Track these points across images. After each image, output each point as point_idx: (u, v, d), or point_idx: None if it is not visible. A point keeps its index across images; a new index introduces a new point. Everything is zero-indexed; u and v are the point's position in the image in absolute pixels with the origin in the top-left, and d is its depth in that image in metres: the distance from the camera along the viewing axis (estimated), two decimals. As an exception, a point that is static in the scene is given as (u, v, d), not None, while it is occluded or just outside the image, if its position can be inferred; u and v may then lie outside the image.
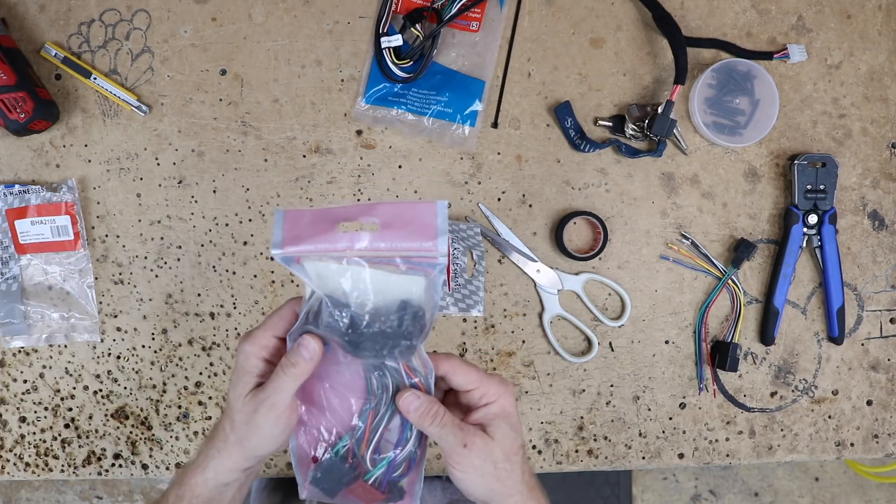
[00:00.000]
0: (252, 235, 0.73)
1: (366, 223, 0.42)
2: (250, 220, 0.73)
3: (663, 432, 0.76)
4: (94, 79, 0.71)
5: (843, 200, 0.76)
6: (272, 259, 0.73)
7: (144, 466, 0.75)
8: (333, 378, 0.47)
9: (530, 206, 0.74)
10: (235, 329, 0.74)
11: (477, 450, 0.46)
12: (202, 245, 0.73)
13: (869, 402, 0.78)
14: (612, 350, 0.76)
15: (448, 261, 0.71)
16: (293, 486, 0.81)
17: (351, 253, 0.42)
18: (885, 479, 1.10)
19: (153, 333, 0.74)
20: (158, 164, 0.73)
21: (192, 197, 0.73)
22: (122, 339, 0.74)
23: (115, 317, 0.74)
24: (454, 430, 0.46)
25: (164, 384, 0.74)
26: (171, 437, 0.75)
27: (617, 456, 0.76)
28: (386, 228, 0.42)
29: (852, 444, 0.78)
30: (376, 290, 0.43)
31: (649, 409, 0.76)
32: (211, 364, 0.74)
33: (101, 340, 0.74)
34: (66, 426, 0.75)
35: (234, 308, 0.74)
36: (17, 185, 0.72)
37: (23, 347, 0.74)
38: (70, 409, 0.74)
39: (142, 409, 0.74)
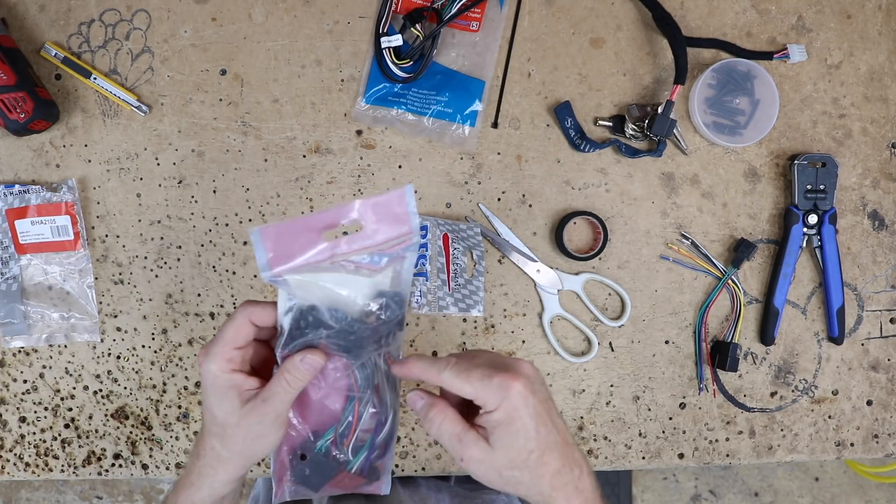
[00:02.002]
0: (252, 235, 0.73)
1: (348, 225, 0.43)
2: (250, 220, 0.73)
3: (663, 432, 0.76)
4: (94, 79, 0.71)
5: (843, 200, 0.76)
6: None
7: (144, 466, 0.75)
8: (318, 378, 0.48)
9: (530, 206, 0.74)
10: (235, 329, 0.74)
11: (474, 463, 0.45)
12: (202, 245, 0.73)
13: (869, 402, 0.78)
14: (612, 350, 0.76)
15: (448, 260, 0.72)
16: None
17: (339, 257, 0.43)
18: (885, 479, 1.10)
19: (153, 333, 0.74)
20: (158, 164, 0.73)
21: (192, 197, 0.73)
22: (122, 339, 0.74)
23: (115, 317, 0.74)
24: (453, 440, 0.45)
25: (164, 384, 0.74)
26: (171, 437, 0.75)
27: (617, 456, 0.76)
28: (371, 223, 0.43)
29: (852, 444, 0.78)
30: (349, 292, 0.44)
31: (649, 409, 0.76)
32: (211, 364, 0.74)
33: (101, 340, 0.74)
34: (66, 426, 0.75)
35: (234, 308, 0.74)
36: (17, 185, 0.72)
37: (23, 347, 0.74)
38: (70, 409, 0.74)
39: (142, 409, 0.75)
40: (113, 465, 0.75)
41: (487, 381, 0.44)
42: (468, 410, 0.48)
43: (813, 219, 0.74)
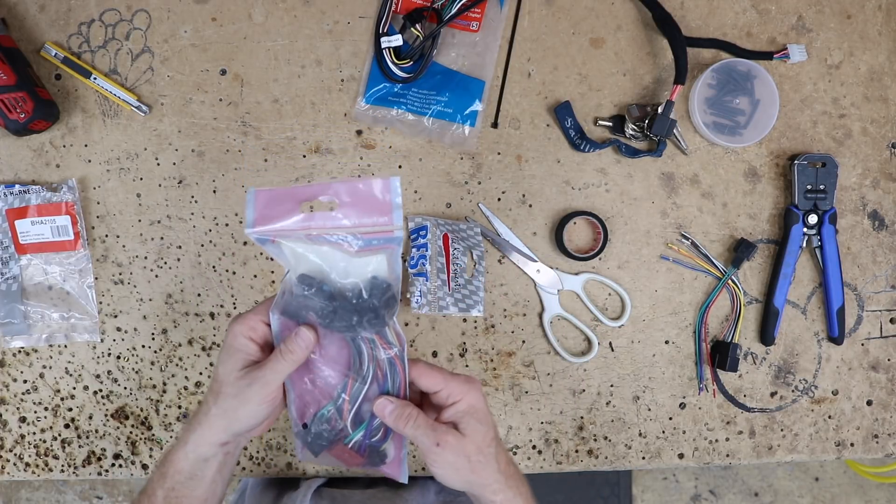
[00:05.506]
0: (252, 235, 0.73)
1: (325, 201, 0.46)
2: (250, 220, 0.73)
3: (663, 432, 0.76)
4: (94, 79, 0.71)
5: (843, 200, 0.76)
6: (272, 259, 0.73)
7: (144, 466, 0.75)
8: (321, 351, 0.50)
9: (530, 206, 0.74)
10: (235, 329, 0.74)
11: (450, 447, 0.49)
12: (202, 245, 0.73)
13: (869, 402, 0.78)
14: (612, 350, 0.76)
15: (448, 260, 0.72)
16: (286, 486, 0.81)
17: (313, 230, 0.45)
18: (885, 479, 1.10)
19: (153, 333, 0.74)
20: (158, 164, 0.73)
21: (192, 197, 0.73)
22: (122, 339, 0.74)
23: (115, 317, 0.74)
24: (427, 430, 0.49)
25: (164, 384, 0.74)
26: (171, 437, 0.75)
27: (617, 456, 0.76)
28: (344, 206, 0.45)
29: (852, 444, 0.78)
30: (345, 268, 0.47)
31: (649, 409, 0.76)
32: (211, 364, 0.74)
33: (101, 340, 0.74)
34: (66, 426, 0.75)
35: (234, 308, 0.74)
36: (17, 185, 0.72)
37: (23, 347, 0.74)
38: (70, 409, 0.74)
39: (142, 409, 0.75)
40: (113, 465, 0.75)
41: (452, 377, 0.51)
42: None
43: (813, 219, 0.74)
